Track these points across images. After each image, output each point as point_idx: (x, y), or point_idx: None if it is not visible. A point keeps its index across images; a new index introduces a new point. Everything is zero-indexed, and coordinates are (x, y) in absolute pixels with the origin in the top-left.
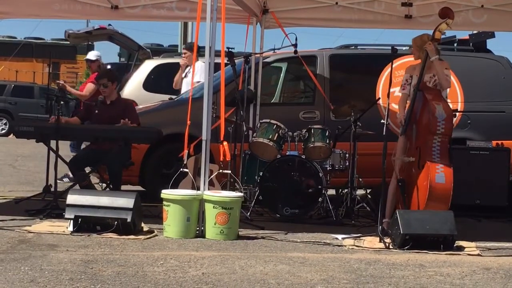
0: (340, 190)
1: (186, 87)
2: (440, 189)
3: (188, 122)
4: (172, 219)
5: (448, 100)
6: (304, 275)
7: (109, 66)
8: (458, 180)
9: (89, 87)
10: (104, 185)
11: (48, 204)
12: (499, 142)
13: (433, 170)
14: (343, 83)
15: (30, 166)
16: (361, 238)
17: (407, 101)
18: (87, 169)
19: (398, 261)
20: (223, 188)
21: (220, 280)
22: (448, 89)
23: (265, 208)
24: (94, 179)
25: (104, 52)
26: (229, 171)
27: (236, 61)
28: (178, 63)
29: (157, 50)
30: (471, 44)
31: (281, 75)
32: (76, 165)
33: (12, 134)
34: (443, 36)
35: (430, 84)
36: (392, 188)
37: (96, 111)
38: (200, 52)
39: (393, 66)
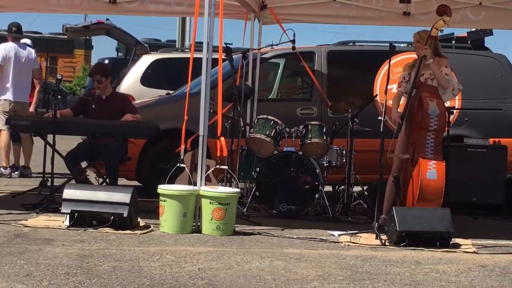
0: (337, 186)
1: None
2: (432, 186)
3: (185, 117)
4: (169, 214)
5: None
6: (300, 271)
7: (106, 61)
8: (455, 178)
9: None
10: (101, 179)
11: (45, 199)
12: (496, 139)
13: (425, 166)
14: (340, 79)
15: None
16: (357, 234)
17: (402, 99)
18: (84, 164)
19: (394, 258)
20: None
21: (216, 276)
22: (452, 90)
23: (262, 204)
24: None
25: (102, 47)
26: (226, 167)
27: (234, 56)
28: (176, 58)
29: (155, 45)
30: (469, 41)
31: (279, 71)
32: (73, 160)
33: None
34: (440, 34)
35: (430, 82)
36: (390, 185)
37: (93, 106)
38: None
39: (391, 63)
